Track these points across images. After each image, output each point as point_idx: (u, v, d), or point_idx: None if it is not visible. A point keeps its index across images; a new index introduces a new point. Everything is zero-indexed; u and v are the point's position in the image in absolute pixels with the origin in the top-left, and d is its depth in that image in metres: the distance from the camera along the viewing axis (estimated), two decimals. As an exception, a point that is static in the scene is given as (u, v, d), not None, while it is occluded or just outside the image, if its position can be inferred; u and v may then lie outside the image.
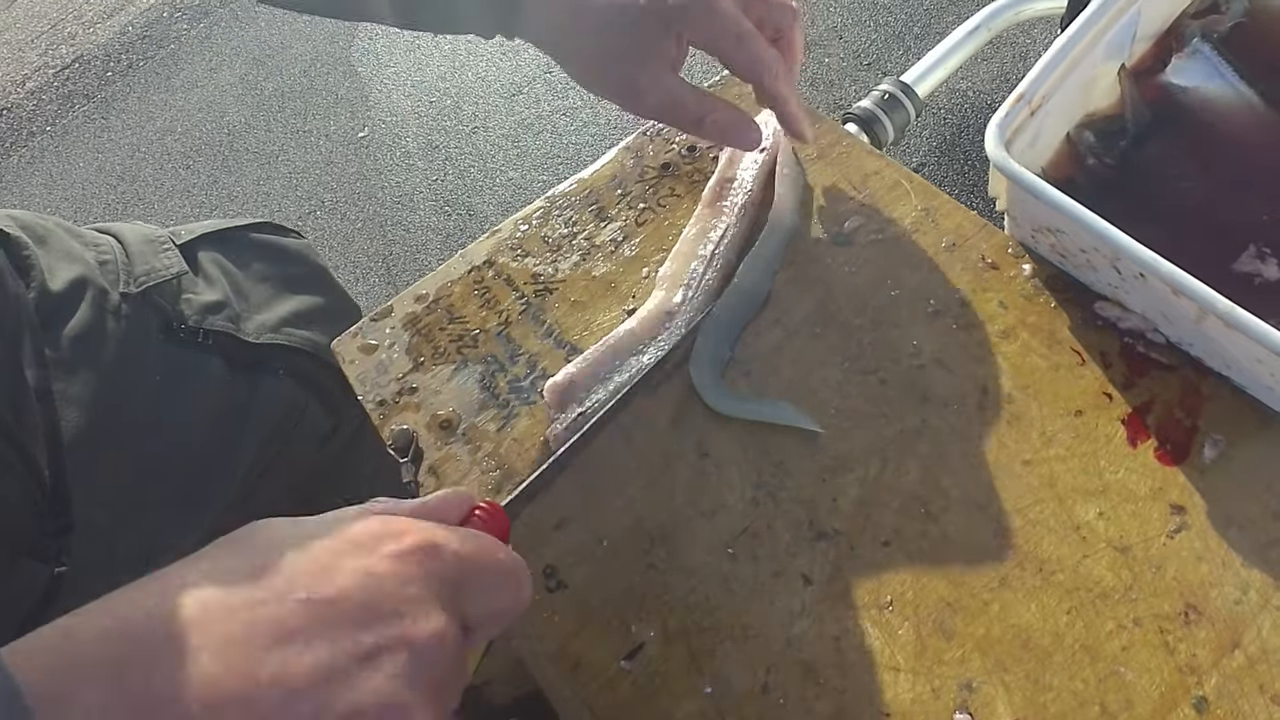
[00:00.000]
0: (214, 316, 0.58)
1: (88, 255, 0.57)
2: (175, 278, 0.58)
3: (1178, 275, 0.39)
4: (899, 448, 0.44)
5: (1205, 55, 0.51)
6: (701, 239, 0.51)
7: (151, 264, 0.58)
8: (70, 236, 0.58)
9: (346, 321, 0.56)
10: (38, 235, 0.56)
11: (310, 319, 0.64)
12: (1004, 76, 1.75)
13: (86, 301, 0.54)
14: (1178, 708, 0.37)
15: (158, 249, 0.60)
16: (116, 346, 0.54)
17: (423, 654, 0.27)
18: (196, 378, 0.57)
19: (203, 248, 0.62)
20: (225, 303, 0.60)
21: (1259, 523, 0.40)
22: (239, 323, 0.59)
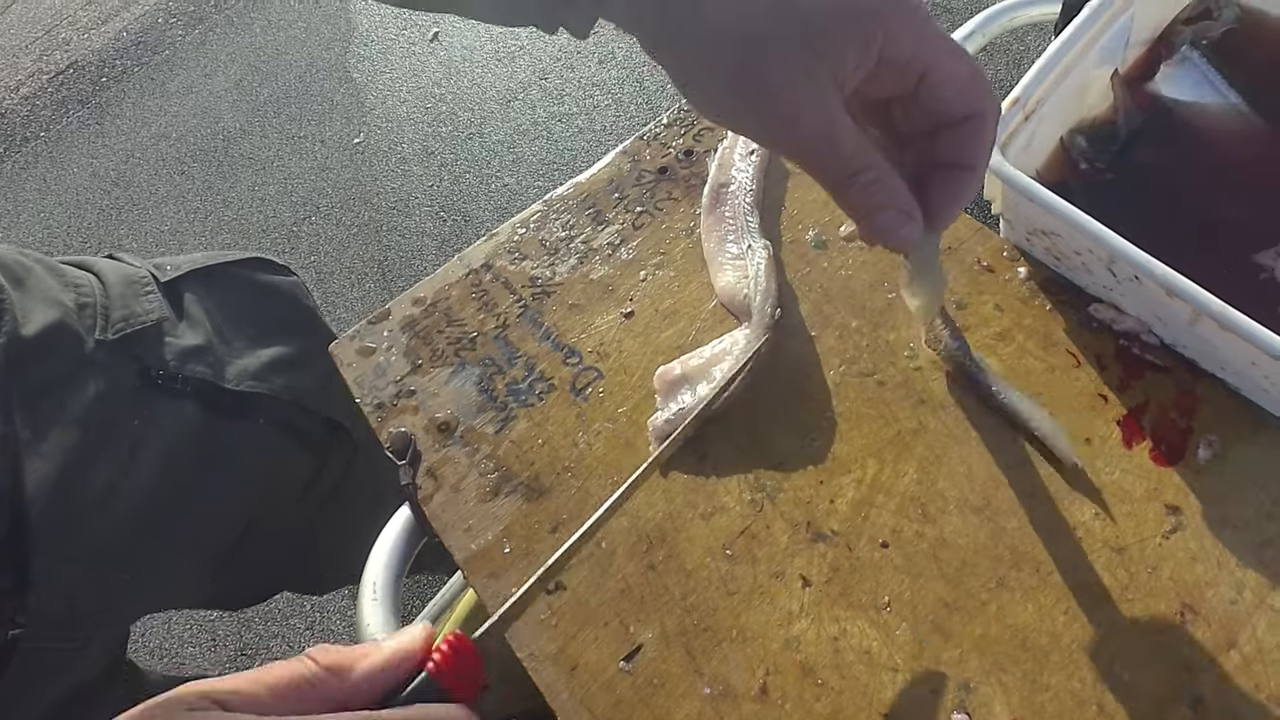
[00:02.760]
0: (194, 363, 0.57)
1: (66, 297, 0.55)
2: (156, 323, 0.57)
3: (1172, 277, 0.40)
4: (896, 449, 0.45)
5: (1194, 63, 0.52)
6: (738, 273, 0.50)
7: (131, 308, 0.57)
8: (50, 275, 0.56)
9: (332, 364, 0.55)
10: (15, 276, 0.54)
11: (294, 363, 0.62)
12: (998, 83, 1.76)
13: (60, 350, 0.52)
14: (1174, 707, 0.37)
15: (139, 291, 0.58)
16: (90, 397, 0.52)
17: None
18: (173, 425, 0.55)
19: (188, 286, 0.60)
20: (206, 348, 0.58)
21: (1254, 523, 0.41)
22: (219, 368, 0.58)
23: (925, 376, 0.46)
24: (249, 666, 1.47)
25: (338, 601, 1.43)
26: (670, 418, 0.46)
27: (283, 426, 0.60)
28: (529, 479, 0.46)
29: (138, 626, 1.44)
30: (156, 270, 0.60)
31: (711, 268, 0.51)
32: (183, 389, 0.56)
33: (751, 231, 0.51)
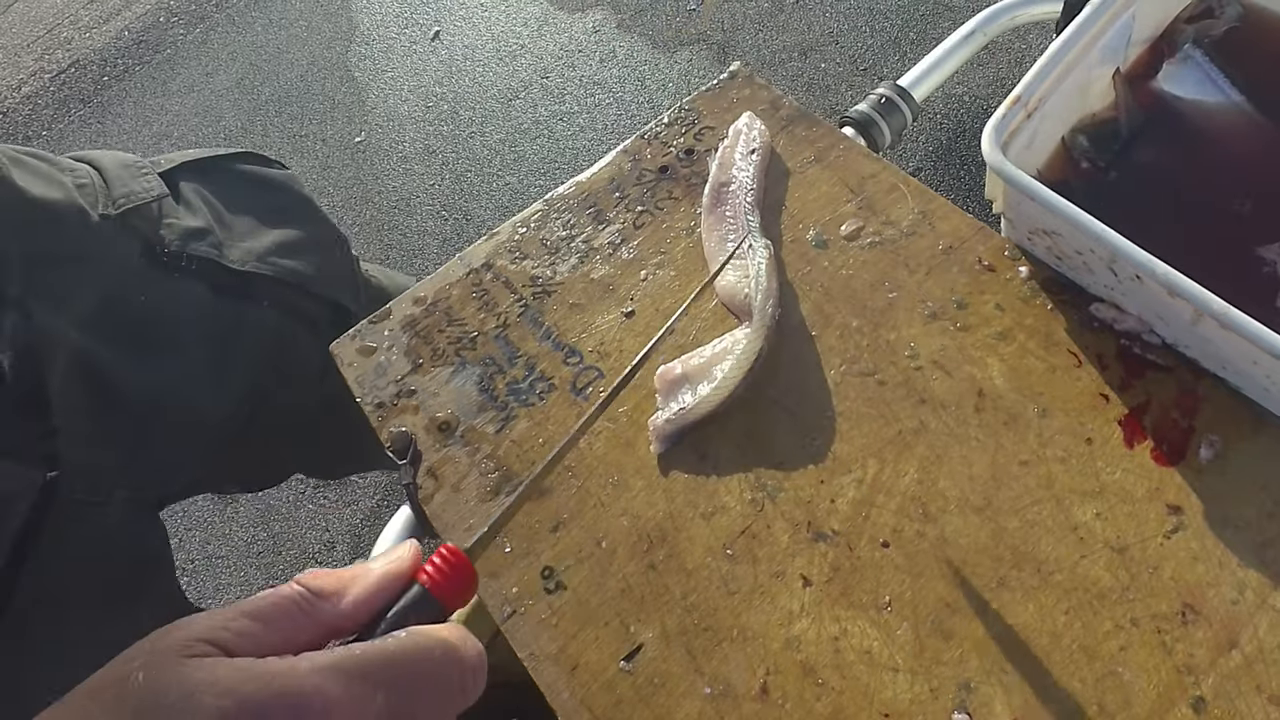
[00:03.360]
0: (197, 243, 0.57)
1: (65, 179, 0.55)
2: (156, 200, 0.57)
3: (1173, 277, 0.40)
4: (897, 449, 0.44)
5: (1196, 61, 0.52)
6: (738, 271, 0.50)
7: (130, 187, 0.57)
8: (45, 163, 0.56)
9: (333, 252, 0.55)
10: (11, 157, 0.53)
11: (296, 248, 0.62)
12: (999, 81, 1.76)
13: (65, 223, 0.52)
14: (1175, 707, 0.37)
15: (135, 173, 0.58)
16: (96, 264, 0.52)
17: None
18: (181, 302, 0.55)
19: (183, 177, 0.60)
20: (208, 229, 0.58)
21: (1255, 523, 0.40)
22: (222, 250, 0.58)
23: (926, 376, 0.46)
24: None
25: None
26: (670, 417, 0.46)
27: (288, 309, 0.61)
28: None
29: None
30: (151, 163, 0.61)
31: (712, 267, 0.51)
32: (188, 267, 0.56)
33: (752, 231, 0.51)
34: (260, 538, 1.51)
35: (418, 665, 0.28)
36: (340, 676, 0.26)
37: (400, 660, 0.27)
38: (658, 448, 0.46)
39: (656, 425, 0.46)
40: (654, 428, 0.46)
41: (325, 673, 0.26)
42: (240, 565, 1.49)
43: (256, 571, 1.48)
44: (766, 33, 1.94)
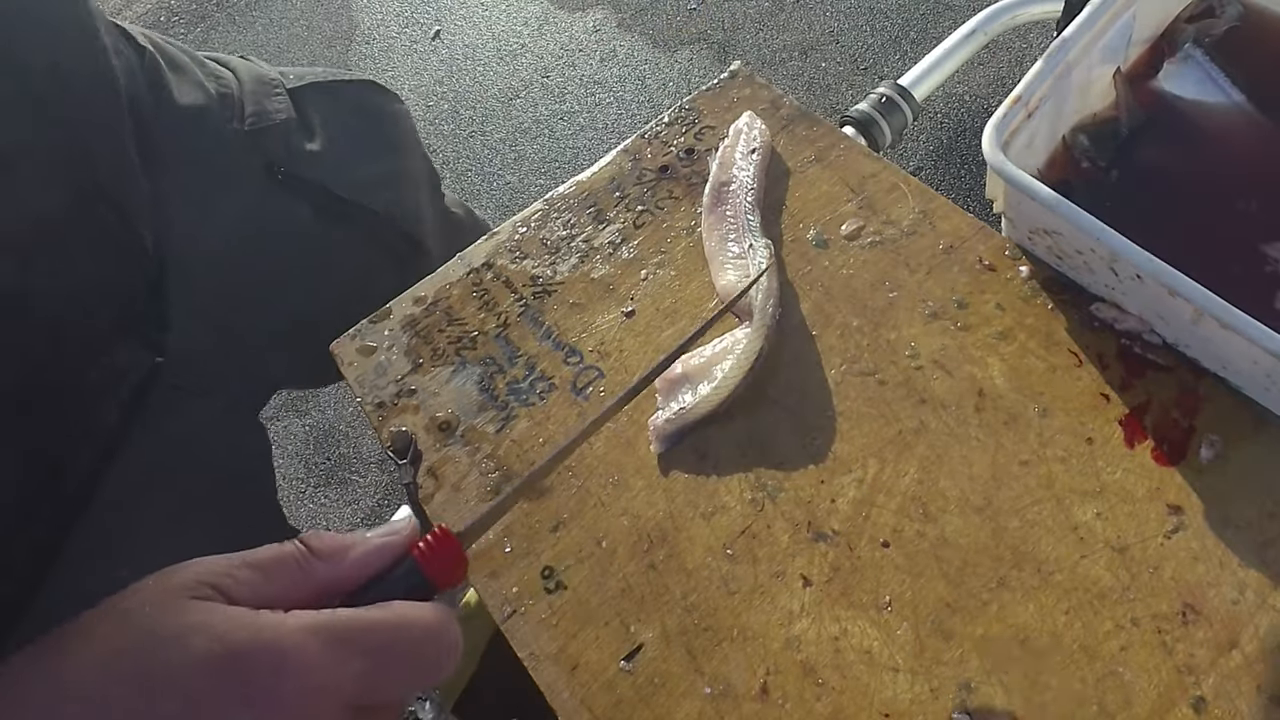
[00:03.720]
0: (311, 167, 0.60)
1: (210, 86, 0.58)
2: (283, 123, 0.60)
3: (1174, 276, 0.40)
4: (897, 449, 0.44)
5: (1197, 60, 0.52)
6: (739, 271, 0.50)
7: (263, 105, 0.60)
8: (196, 66, 0.59)
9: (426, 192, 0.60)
10: (172, 61, 0.57)
11: (394, 184, 0.65)
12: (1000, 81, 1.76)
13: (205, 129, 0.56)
14: (1176, 707, 0.37)
15: (269, 91, 0.61)
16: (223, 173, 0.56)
17: None
18: (289, 221, 0.59)
19: (308, 97, 0.63)
20: (322, 154, 0.61)
21: (1256, 523, 0.40)
22: (332, 176, 0.61)
23: (926, 376, 0.46)
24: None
25: (340, 599, 1.43)
26: (670, 417, 0.46)
27: (378, 241, 0.64)
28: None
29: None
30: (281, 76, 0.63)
31: (713, 267, 0.51)
32: (299, 189, 0.59)
33: (753, 230, 0.51)
34: (261, 537, 1.51)
35: (397, 637, 0.29)
36: (323, 638, 0.27)
37: (381, 630, 0.28)
38: (658, 448, 0.46)
39: (656, 425, 0.46)
40: (654, 428, 0.46)
41: (310, 632, 0.27)
42: (241, 564, 1.49)
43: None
44: (766, 32, 1.94)
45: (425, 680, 0.30)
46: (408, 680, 0.30)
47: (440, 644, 0.30)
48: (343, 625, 0.28)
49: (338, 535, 0.31)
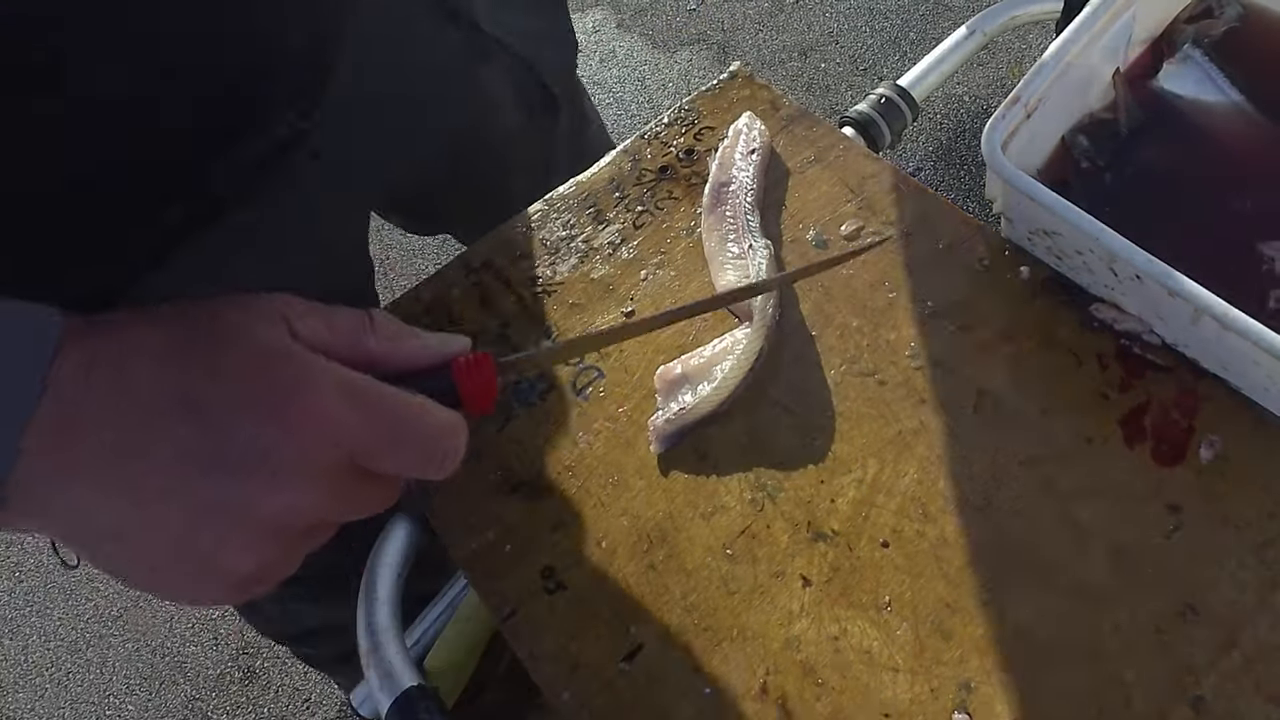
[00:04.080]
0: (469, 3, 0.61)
1: None
2: None
3: (1173, 277, 0.40)
4: (897, 449, 0.44)
5: (1196, 61, 0.52)
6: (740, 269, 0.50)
7: None
8: None
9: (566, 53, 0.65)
10: None
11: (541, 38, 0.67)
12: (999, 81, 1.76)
13: None
14: (1175, 707, 0.37)
15: None
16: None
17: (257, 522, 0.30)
18: (441, 45, 0.60)
19: None
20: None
21: (1255, 523, 0.40)
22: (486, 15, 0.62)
23: (926, 376, 0.46)
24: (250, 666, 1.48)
25: (339, 600, 1.43)
26: (670, 417, 0.46)
27: (516, 84, 0.66)
28: (530, 478, 0.46)
29: (139, 628, 1.44)
30: None
31: (712, 267, 0.51)
32: (455, 19, 0.60)
33: (752, 231, 0.51)
34: (260, 538, 1.51)
35: (409, 415, 0.32)
36: (345, 387, 0.31)
37: (397, 404, 0.32)
38: (658, 448, 0.46)
39: (656, 425, 0.46)
40: (654, 428, 0.46)
41: (336, 378, 0.31)
42: (240, 565, 1.49)
43: (256, 571, 1.48)
44: (766, 33, 1.94)
45: (423, 466, 0.33)
46: (407, 458, 0.32)
47: (446, 440, 0.33)
48: (365, 385, 0.31)
49: (402, 324, 0.35)
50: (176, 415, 0.29)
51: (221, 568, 0.30)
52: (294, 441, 0.29)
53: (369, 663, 0.43)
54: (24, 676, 1.44)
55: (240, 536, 0.30)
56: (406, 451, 0.32)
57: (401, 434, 0.32)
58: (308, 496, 0.30)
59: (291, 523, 0.30)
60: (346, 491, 0.31)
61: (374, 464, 0.32)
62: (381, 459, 0.32)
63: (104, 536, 0.29)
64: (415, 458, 0.33)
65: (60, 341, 0.28)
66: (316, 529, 0.32)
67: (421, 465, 0.33)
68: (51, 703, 1.41)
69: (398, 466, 0.33)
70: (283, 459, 0.29)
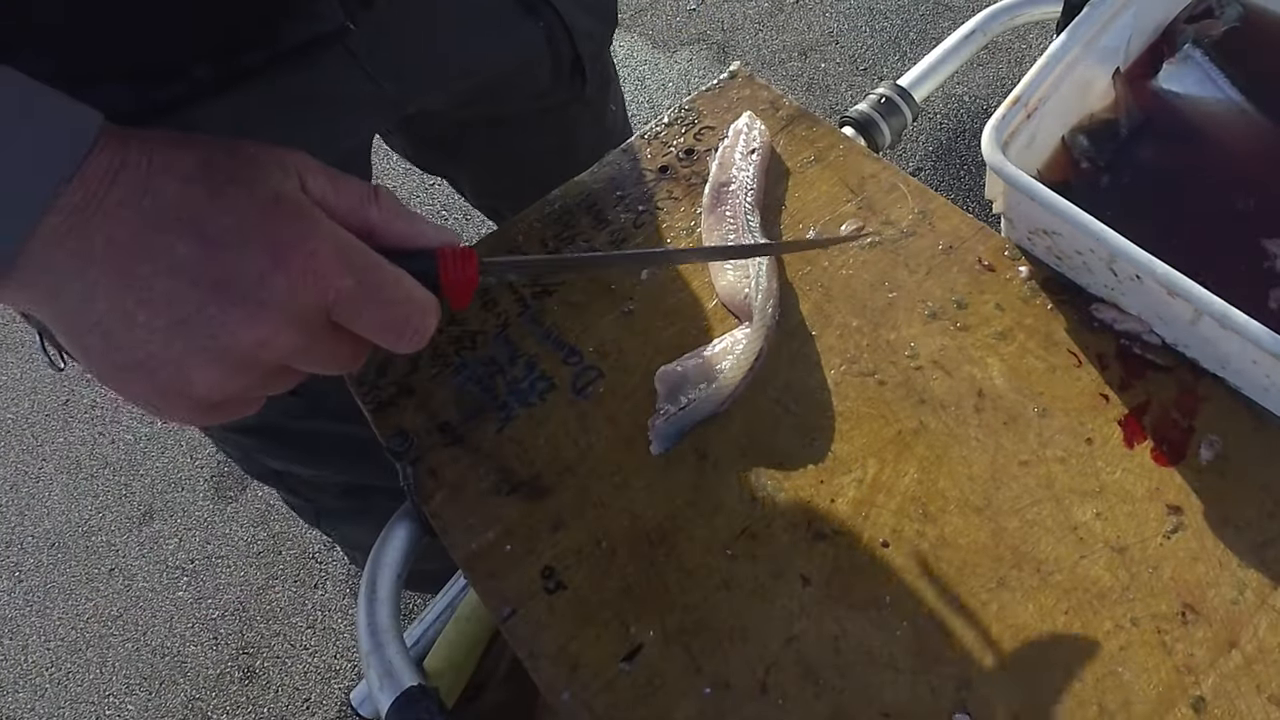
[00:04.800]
0: None
1: None
2: None
3: (1173, 276, 0.40)
4: (897, 449, 0.44)
5: (1196, 61, 0.52)
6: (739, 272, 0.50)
7: None
8: None
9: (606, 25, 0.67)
10: None
11: (584, 6, 0.68)
12: (999, 81, 1.76)
13: None
14: (1175, 707, 0.37)
15: None
16: None
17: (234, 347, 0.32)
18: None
19: None
20: None
21: (1255, 523, 0.40)
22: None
23: (926, 376, 0.46)
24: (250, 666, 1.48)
25: (339, 600, 1.43)
26: (671, 417, 0.46)
27: (553, 43, 0.67)
28: (530, 478, 0.46)
29: (139, 628, 1.44)
30: None
31: (712, 267, 0.51)
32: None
33: (752, 231, 0.51)
34: (260, 537, 1.51)
35: (388, 280, 0.35)
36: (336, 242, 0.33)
37: (381, 270, 0.35)
38: (657, 448, 0.46)
39: (656, 425, 0.46)
40: (654, 428, 0.46)
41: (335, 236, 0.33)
42: (240, 565, 1.49)
43: (256, 571, 1.48)
44: (766, 33, 1.94)
45: (392, 334, 0.36)
46: (379, 321, 0.35)
47: (417, 316, 0.36)
48: (359, 246, 0.34)
49: (404, 206, 0.38)
50: (188, 233, 0.31)
51: (188, 381, 0.32)
52: (286, 281, 0.32)
53: (369, 663, 0.43)
54: (24, 676, 1.44)
55: (213, 356, 0.32)
56: (381, 314, 0.35)
57: (381, 297, 0.35)
58: (284, 334, 0.32)
59: (263, 357, 0.33)
60: (317, 341, 0.34)
61: (349, 320, 0.34)
62: (356, 317, 0.34)
63: (92, 328, 0.31)
64: (387, 322, 0.35)
65: (96, 139, 0.30)
66: (280, 374, 0.35)
67: (391, 333, 0.36)
68: (51, 703, 1.41)
69: (369, 328, 0.35)
70: (271, 293, 0.32)
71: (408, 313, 0.36)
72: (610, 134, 0.80)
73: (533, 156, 0.62)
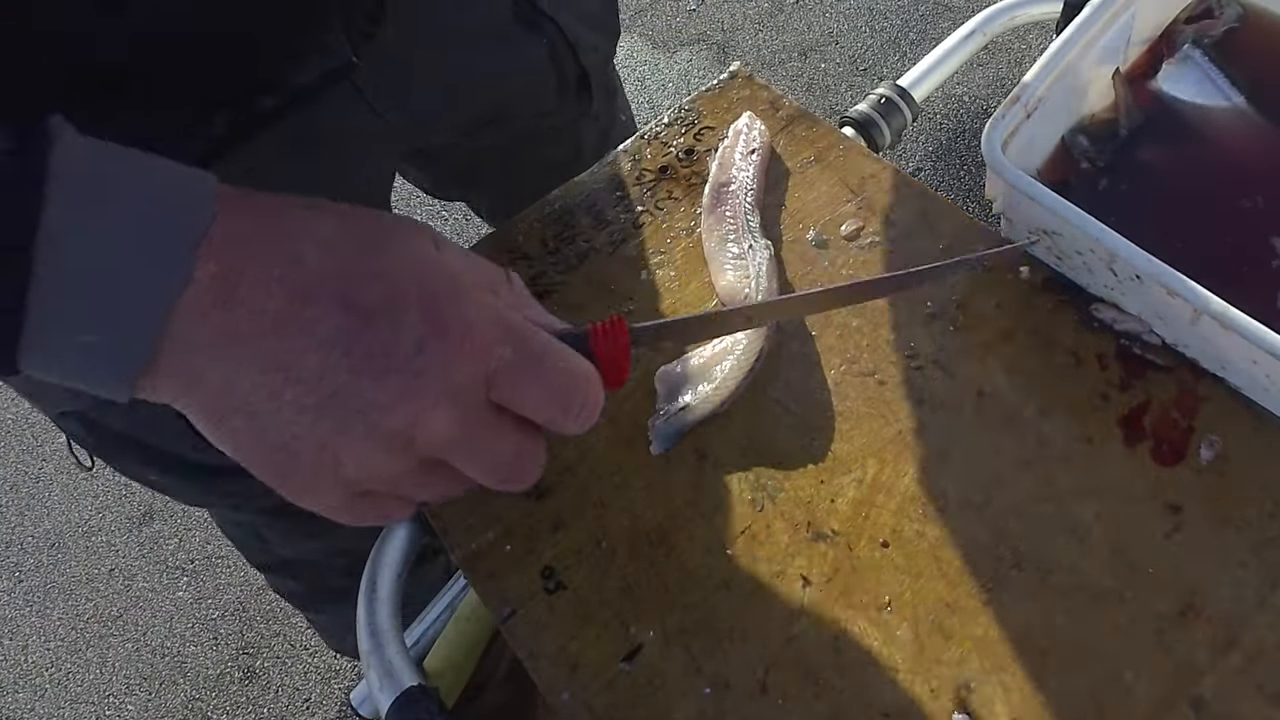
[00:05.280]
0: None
1: None
2: None
3: (1172, 276, 0.40)
4: (897, 449, 0.44)
5: (1196, 61, 0.52)
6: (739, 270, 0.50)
7: None
8: None
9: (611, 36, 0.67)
10: None
11: (586, 19, 0.68)
12: (999, 81, 1.76)
13: None
14: (1175, 707, 0.37)
15: None
16: None
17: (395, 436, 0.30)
18: (493, 8, 0.60)
19: None
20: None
21: (1255, 523, 0.40)
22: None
23: (926, 376, 0.46)
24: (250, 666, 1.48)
25: (339, 600, 1.43)
26: (671, 417, 0.46)
27: (555, 58, 0.66)
28: (529, 478, 0.46)
29: (139, 628, 1.44)
30: None
31: (712, 267, 0.51)
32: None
33: (752, 231, 0.51)
34: (260, 538, 1.51)
35: (548, 353, 0.32)
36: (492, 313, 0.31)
37: (540, 339, 0.32)
38: (657, 448, 0.46)
39: (656, 425, 0.46)
40: (654, 428, 0.46)
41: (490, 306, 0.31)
42: (240, 565, 1.49)
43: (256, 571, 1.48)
44: (766, 33, 1.94)
45: (559, 410, 0.33)
46: (545, 397, 0.32)
47: (585, 387, 0.33)
48: (515, 315, 0.32)
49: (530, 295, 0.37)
50: (337, 303, 0.29)
51: (338, 462, 0.30)
52: (443, 349, 0.29)
53: (369, 663, 0.43)
54: (24, 676, 1.44)
55: (364, 433, 0.30)
56: (544, 386, 0.32)
57: (543, 367, 0.32)
58: (440, 411, 0.30)
59: (417, 438, 0.30)
60: (475, 424, 0.31)
61: (510, 396, 0.32)
62: (518, 391, 0.31)
63: (237, 410, 0.29)
64: (552, 395, 0.32)
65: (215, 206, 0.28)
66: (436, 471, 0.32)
67: (557, 407, 0.32)
68: (51, 703, 1.41)
69: (533, 403, 0.32)
70: (428, 364, 0.29)
71: (573, 383, 0.33)
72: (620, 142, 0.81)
73: (546, 173, 0.62)
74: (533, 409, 0.32)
